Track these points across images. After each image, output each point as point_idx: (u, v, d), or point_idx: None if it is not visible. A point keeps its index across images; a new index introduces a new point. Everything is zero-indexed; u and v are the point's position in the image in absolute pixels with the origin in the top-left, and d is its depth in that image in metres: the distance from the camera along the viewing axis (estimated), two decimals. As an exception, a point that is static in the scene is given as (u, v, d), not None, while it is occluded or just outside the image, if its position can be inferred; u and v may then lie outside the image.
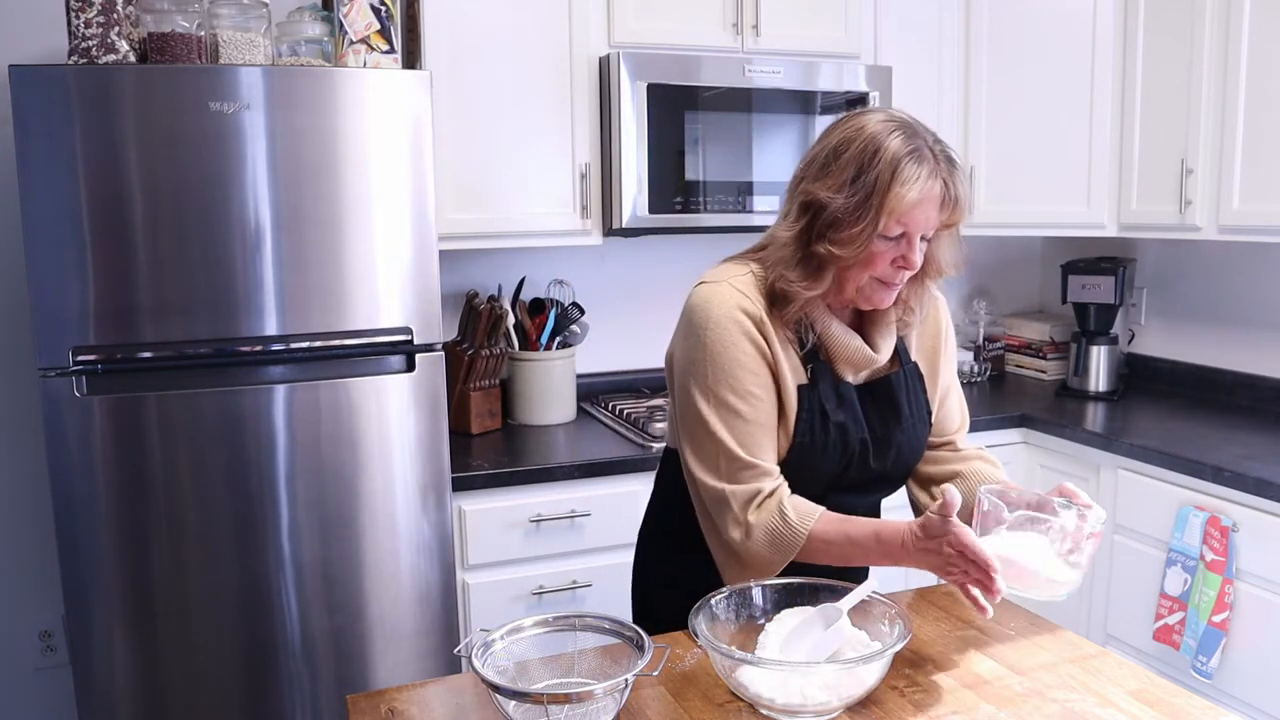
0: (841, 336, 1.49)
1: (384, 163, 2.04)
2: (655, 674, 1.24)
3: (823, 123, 2.73)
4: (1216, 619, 2.26)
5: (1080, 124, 2.89)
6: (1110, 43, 2.82)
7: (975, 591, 1.35)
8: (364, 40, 2.09)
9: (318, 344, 2.04)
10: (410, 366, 2.12)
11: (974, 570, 1.31)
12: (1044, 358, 3.36)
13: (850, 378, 1.53)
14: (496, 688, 1.17)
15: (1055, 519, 1.41)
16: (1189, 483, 2.37)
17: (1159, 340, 3.20)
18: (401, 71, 2.09)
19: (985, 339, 3.43)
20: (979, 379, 3.35)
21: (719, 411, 1.45)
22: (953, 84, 2.98)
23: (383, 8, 2.10)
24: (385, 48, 2.12)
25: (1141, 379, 3.23)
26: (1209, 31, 2.54)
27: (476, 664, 1.21)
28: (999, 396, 3.14)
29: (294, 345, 2.02)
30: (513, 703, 1.18)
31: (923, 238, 1.42)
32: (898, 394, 1.55)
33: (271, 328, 2.00)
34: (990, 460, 1.67)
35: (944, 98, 2.98)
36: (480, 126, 2.51)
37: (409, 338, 2.10)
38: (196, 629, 2.02)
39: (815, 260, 1.41)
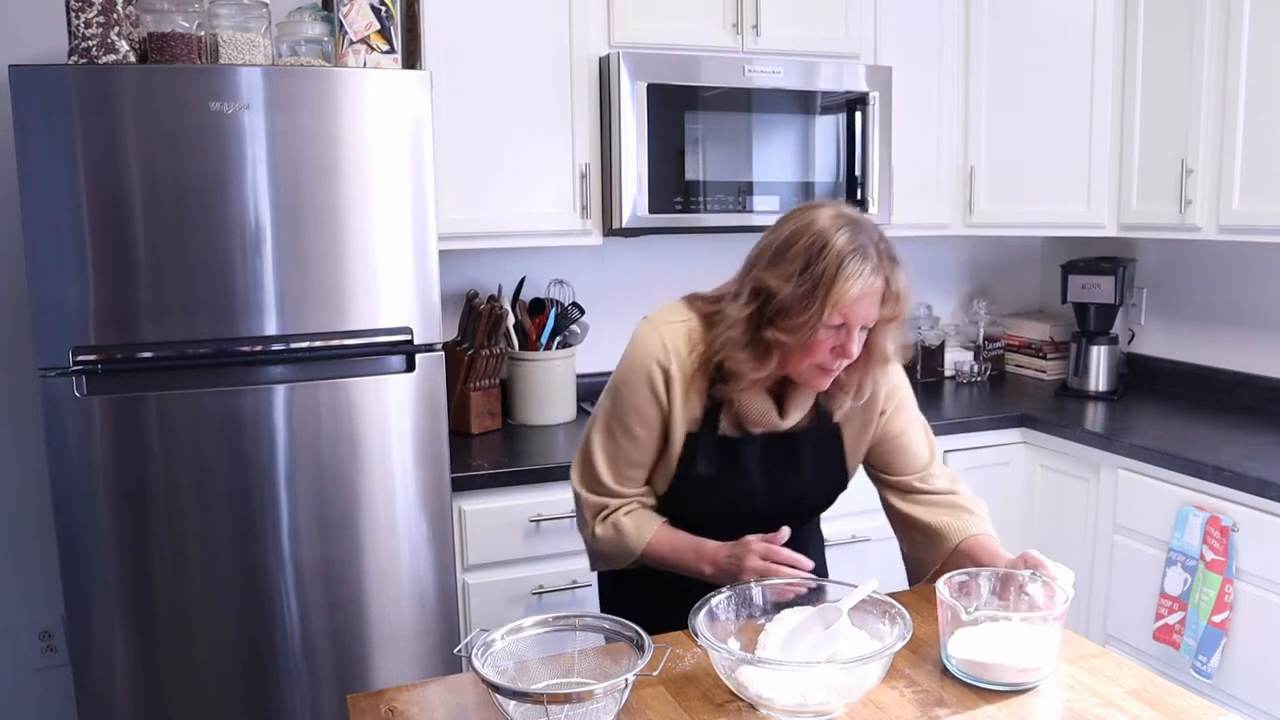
0: (751, 402, 1.59)
1: (384, 163, 2.04)
2: (655, 674, 1.24)
3: (823, 123, 2.73)
4: (1216, 619, 2.26)
5: (1080, 124, 2.89)
6: (1110, 43, 2.82)
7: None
8: (364, 40, 2.09)
9: (318, 344, 2.04)
10: (410, 366, 2.12)
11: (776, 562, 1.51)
12: (1044, 358, 3.36)
13: (755, 430, 1.62)
14: (496, 688, 1.17)
15: (1024, 597, 1.43)
16: (1189, 483, 2.37)
17: (1159, 340, 3.20)
18: (401, 71, 2.09)
19: (985, 339, 3.43)
20: (979, 379, 3.35)
21: (604, 435, 1.65)
22: (953, 84, 2.98)
23: (383, 8, 2.10)
24: (385, 48, 2.12)
25: (1141, 379, 3.23)
26: (1209, 32, 2.54)
27: (476, 664, 1.21)
28: (999, 396, 3.14)
29: (294, 345, 2.02)
30: (513, 703, 1.18)
31: (862, 328, 1.50)
32: (801, 450, 1.65)
33: (271, 328, 2.00)
34: (963, 506, 1.68)
35: (944, 98, 2.98)
36: (480, 126, 2.51)
37: (409, 338, 2.10)
38: (196, 629, 2.02)
39: (763, 344, 1.51)
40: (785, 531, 1.52)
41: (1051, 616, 1.36)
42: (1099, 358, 3.08)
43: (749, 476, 1.63)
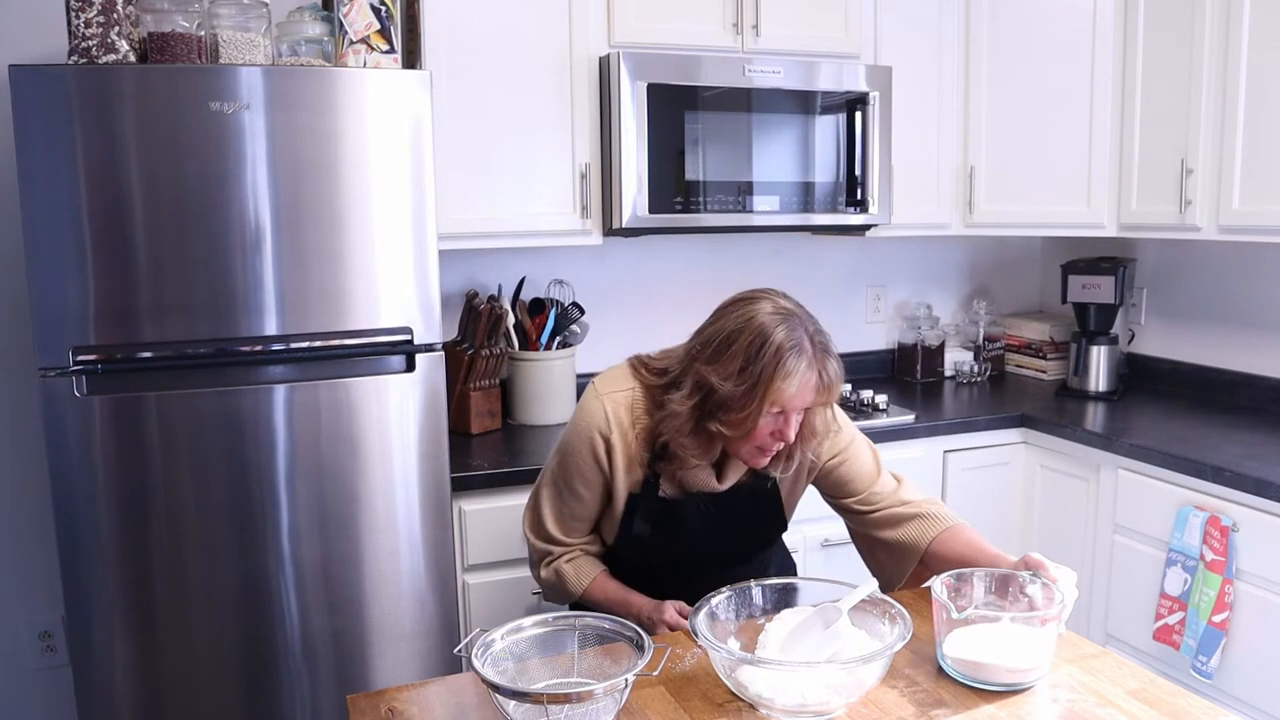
0: (691, 472, 1.68)
1: (384, 163, 2.04)
2: (655, 674, 1.24)
3: (823, 123, 2.73)
4: (1216, 619, 2.26)
5: (1080, 124, 2.89)
6: (1110, 43, 2.82)
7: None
8: (364, 40, 2.09)
9: (318, 344, 2.04)
10: (410, 366, 2.12)
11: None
12: (1044, 358, 3.36)
13: (694, 490, 1.72)
14: (496, 688, 1.17)
15: (1023, 598, 1.43)
16: (1189, 483, 2.37)
17: (1159, 340, 3.20)
18: (401, 71, 2.09)
19: (985, 339, 3.43)
20: (979, 379, 3.35)
21: (551, 490, 1.78)
22: (953, 84, 2.98)
23: (383, 8, 2.10)
24: (385, 48, 2.12)
25: (1141, 379, 3.23)
26: (1209, 31, 2.54)
27: (476, 664, 1.22)
28: (999, 396, 3.14)
29: (294, 345, 2.02)
30: (513, 703, 1.18)
31: (800, 410, 1.59)
32: (738, 506, 1.75)
33: (271, 328, 2.00)
34: (917, 513, 1.72)
35: (944, 98, 2.98)
36: (480, 126, 2.51)
37: (409, 338, 2.10)
38: (196, 629, 2.02)
39: (707, 434, 1.61)
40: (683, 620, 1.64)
41: (1045, 617, 1.35)
42: (1099, 358, 3.08)
43: (688, 533, 1.73)
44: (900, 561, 1.72)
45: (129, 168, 1.88)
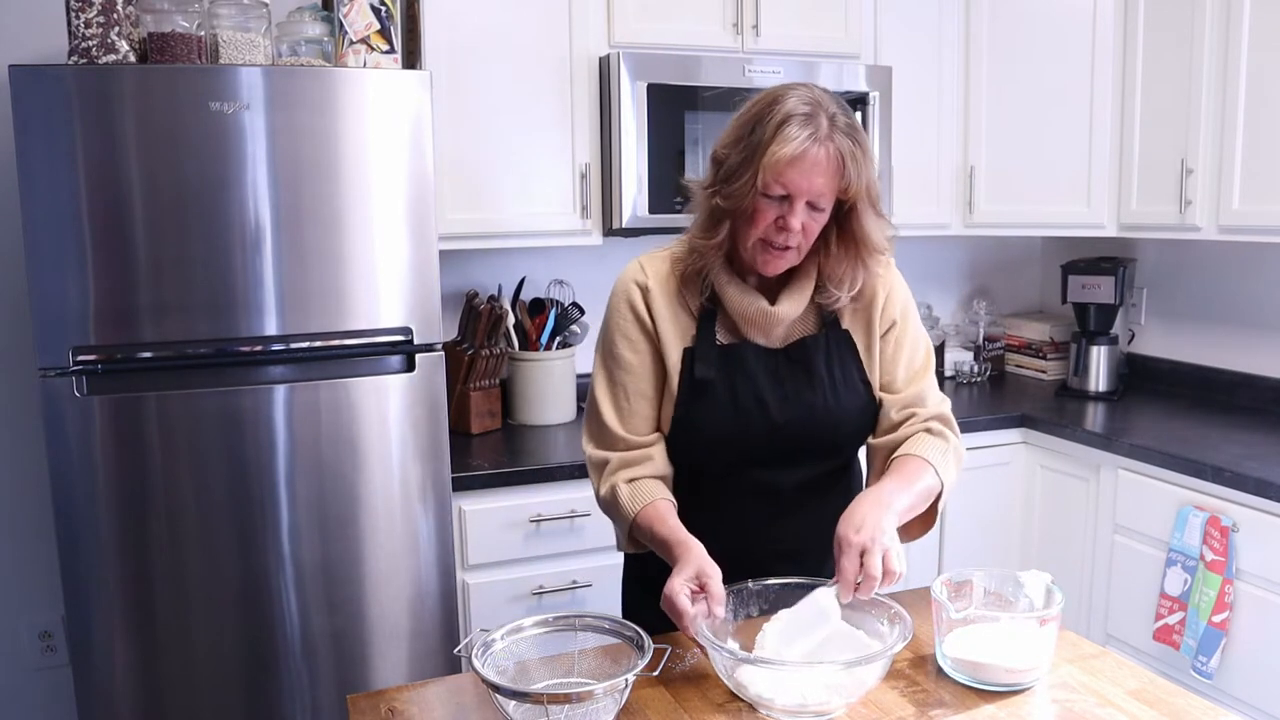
0: (736, 295, 1.51)
1: (384, 163, 2.04)
2: (655, 674, 1.24)
3: (823, 123, 2.73)
4: (1216, 619, 2.26)
5: (1080, 124, 2.89)
6: (1110, 43, 2.82)
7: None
8: (364, 40, 2.09)
9: (318, 344, 2.04)
10: (410, 366, 2.12)
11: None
12: (1044, 358, 3.36)
13: (763, 340, 1.54)
14: (496, 688, 1.17)
15: (1024, 598, 1.42)
16: (1189, 483, 2.37)
17: (1159, 340, 3.20)
18: (401, 71, 2.09)
19: (985, 339, 3.43)
20: (979, 379, 3.35)
21: (602, 376, 1.58)
22: (953, 84, 2.98)
23: (383, 8, 2.10)
24: (385, 48, 2.12)
25: (1141, 379, 3.23)
26: (1209, 31, 2.54)
27: (476, 664, 1.22)
28: (999, 396, 3.14)
29: (294, 345, 2.02)
30: (513, 703, 1.18)
31: (815, 206, 1.42)
32: (814, 358, 1.54)
33: (271, 328, 2.00)
34: (931, 432, 1.58)
35: (944, 98, 2.98)
36: (480, 126, 2.51)
37: (409, 338, 2.10)
38: (196, 629, 2.02)
39: (716, 213, 1.46)
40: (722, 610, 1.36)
41: (1044, 617, 1.35)
42: (1099, 358, 3.08)
43: (755, 381, 1.52)
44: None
45: (129, 168, 1.88)
